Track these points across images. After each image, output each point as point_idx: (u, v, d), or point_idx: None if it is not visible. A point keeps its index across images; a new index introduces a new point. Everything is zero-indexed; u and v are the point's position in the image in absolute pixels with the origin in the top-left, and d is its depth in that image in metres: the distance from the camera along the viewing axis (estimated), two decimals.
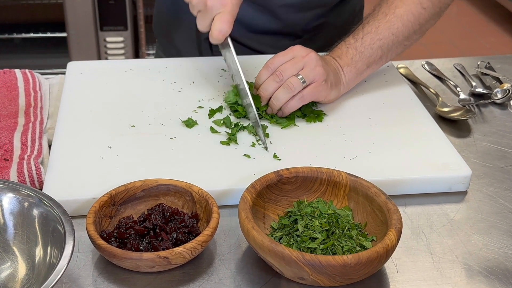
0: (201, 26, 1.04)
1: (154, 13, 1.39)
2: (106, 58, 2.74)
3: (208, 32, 1.04)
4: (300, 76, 1.02)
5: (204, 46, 1.29)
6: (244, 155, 0.97)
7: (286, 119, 1.04)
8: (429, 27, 1.14)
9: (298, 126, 1.04)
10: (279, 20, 1.24)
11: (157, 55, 1.43)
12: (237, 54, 1.05)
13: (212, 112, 1.06)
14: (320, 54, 1.07)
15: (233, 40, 1.05)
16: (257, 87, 1.06)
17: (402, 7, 1.09)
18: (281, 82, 1.03)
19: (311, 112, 1.06)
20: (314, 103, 1.08)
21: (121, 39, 2.73)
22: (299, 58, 1.03)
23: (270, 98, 1.04)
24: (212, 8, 1.01)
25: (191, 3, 1.03)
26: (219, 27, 1.02)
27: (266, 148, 0.97)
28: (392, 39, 1.09)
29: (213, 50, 1.28)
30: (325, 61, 1.07)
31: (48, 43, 2.91)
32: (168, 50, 1.36)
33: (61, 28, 2.76)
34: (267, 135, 1.00)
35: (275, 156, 0.96)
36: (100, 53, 2.74)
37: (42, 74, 1.18)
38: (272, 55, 1.07)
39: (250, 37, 1.25)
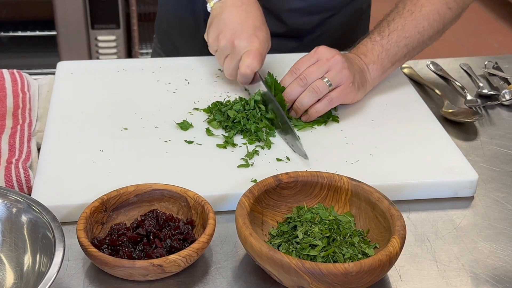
0: (230, 69, 1.08)
1: (158, 9, 1.40)
2: (98, 58, 2.75)
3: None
4: (326, 79, 1.04)
5: (202, 43, 1.29)
6: (242, 158, 0.97)
7: (303, 122, 1.05)
8: (449, 27, 1.16)
9: (315, 128, 1.05)
10: (285, 24, 1.25)
11: (154, 53, 1.44)
12: None
13: (210, 109, 1.07)
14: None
15: None
16: (285, 97, 1.06)
17: (428, 6, 1.12)
18: (306, 86, 1.04)
19: (329, 116, 1.07)
20: (335, 107, 1.09)
21: (113, 37, 2.73)
22: (323, 61, 1.05)
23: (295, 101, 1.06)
24: (239, 46, 1.05)
25: (218, 49, 1.07)
26: (247, 62, 1.05)
27: (305, 155, 0.97)
28: (418, 37, 1.12)
29: None
30: (350, 60, 1.08)
31: (37, 42, 2.91)
32: (166, 46, 1.37)
33: (50, 26, 2.76)
34: (268, 144, 1.00)
35: (278, 160, 0.97)
36: (91, 53, 2.74)
37: (30, 74, 1.18)
38: (273, 55, 1.08)
39: None
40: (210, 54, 1.26)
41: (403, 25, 1.11)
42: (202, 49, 1.30)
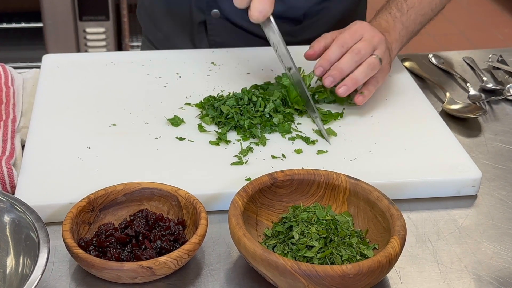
0: (238, 2, 1.04)
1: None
2: (86, 51, 2.74)
3: (208, 13, 1.02)
4: (376, 55, 1.05)
5: (197, 30, 1.29)
6: (235, 156, 0.97)
7: (328, 116, 1.05)
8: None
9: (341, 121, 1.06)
10: (282, 2, 1.24)
11: (144, 45, 1.44)
12: (237, 37, 1.05)
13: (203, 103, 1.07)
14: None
15: (232, 24, 1.04)
16: (325, 66, 1.06)
17: None
18: (360, 61, 1.05)
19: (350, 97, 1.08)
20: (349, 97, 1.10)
21: (102, 30, 2.73)
22: (369, 38, 1.06)
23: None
24: None
25: None
26: (259, 7, 1.02)
27: (326, 139, 1.00)
28: (430, 15, 1.15)
29: (208, 35, 1.29)
30: None
31: (22, 34, 2.90)
32: (155, 35, 1.37)
33: (36, 17, 2.76)
34: (262, 141, 1.00)
35: (273, 157, 0.97)
36: (79, 45, 2.74)
37: (15, 68, 1.18)
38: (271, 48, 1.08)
39: (245, 18, 1.26)
40: (202, 43, 1.26)
41: (420, 2, 1.13)
42: (194, 36, 1.30)
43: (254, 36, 1.28)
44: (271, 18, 1.04)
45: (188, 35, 1.31)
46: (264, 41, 1.26)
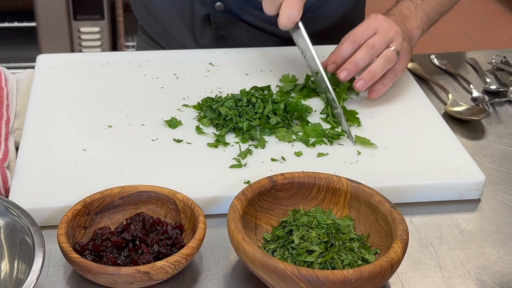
0: (268, 9, 1.07)
1: None
2: (80, 51, 2.74)
3: (212, 6, 1.02)
4: (393, 48, 1.06)
5: (199, 23, 1.29)
6: (234, 158, 0.97)
7: (351, 121, 1.05)
8: None
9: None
10: None
11: (139, 45, 1.44)
12: (241, 31, 1.06)
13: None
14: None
15: (234, 15, 1.06)
16: (337, 62, 1.08)
17: None
18: (374, 55, 1.06)
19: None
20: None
21: (97, 29, 2.73)
22: (384, 31, 1.07)
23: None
24: None
25: None
26: (287, 13, 1.05)
27: (351, 139, 1.01)
28: (448, 5, 1.17)
29: (212, 28, 1.29)
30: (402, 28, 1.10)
31: (15, 34, 2.90)
32: (152, 27, 1.36)
33: (30, 17, 2.76)
34: (262, 143, 1.00)
35: (272, 160, 0.97)
36: (73, 45, 2.74)
37: (8, 68, 1.18)
38: (275, 48, 1.09)
39: (250, 12, 1.27)
40: (204, 36, 1.26)
41: None
42: (195, 29, 1.30)
43: (258, 30, 1.28)
44: (300, 23, 1.07)
45: (189, 27, 1.31)
46: (268, 35, 1.27)
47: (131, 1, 1.41)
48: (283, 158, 0.98)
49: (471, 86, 1.22)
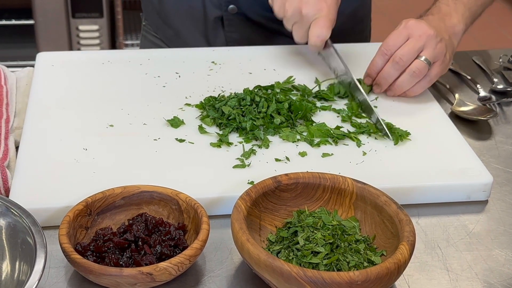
0: (298, 37, 1.12)
1: None
2: (79, 49, 2.74)
3: (225, 8, 1.10)
4: (424, 58, 1.07)
5: (212, 26, 1.30)
6: (237, 158, 0.97)
7: (395, 135, 1.03)
8: None
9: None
10: None
11: (143, 45, 1.44)
12: (254, 33, 1.12)
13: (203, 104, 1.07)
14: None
15: (247, 18, 1.07)
16: (372, 76, 1.11)
17: None
18: (402, 69, 1.07)
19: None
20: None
21: (95, 27, 2.73)
22: (416, 37, 1.07)
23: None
24: (308, 15, 1.08)
25: (285, 17, 1.10)
26: (316, 32, 1.08)
27: (389, 137, 1.02)
28: None
29: (225, 31, 1.30)
30: (438, 30, 1.09)
31: (13, 32, 2.90)
32: (164, 32, 1.37)
33: (27, 14, 2.76)
34: (265, 143, 1.00)
35: (276, 160, 0.97)
36: (71, 44, 2.74)
37: (7, 66, 1.18)
38: (283, 46, 1.10)
39: (263, 14, 1.27)
40: (218, 38, 1.26)
41: None
42: (208, 32, 1.30)
43: (272, 32, 1.29)
44: (329, 41, 1.11)
45: (202, 31, 1.31)
46: (281, 37, 1.28)
47: (144, 9, 1.41)
48: (287, 158, 0.98)
49: (478, 86, 1.23)
